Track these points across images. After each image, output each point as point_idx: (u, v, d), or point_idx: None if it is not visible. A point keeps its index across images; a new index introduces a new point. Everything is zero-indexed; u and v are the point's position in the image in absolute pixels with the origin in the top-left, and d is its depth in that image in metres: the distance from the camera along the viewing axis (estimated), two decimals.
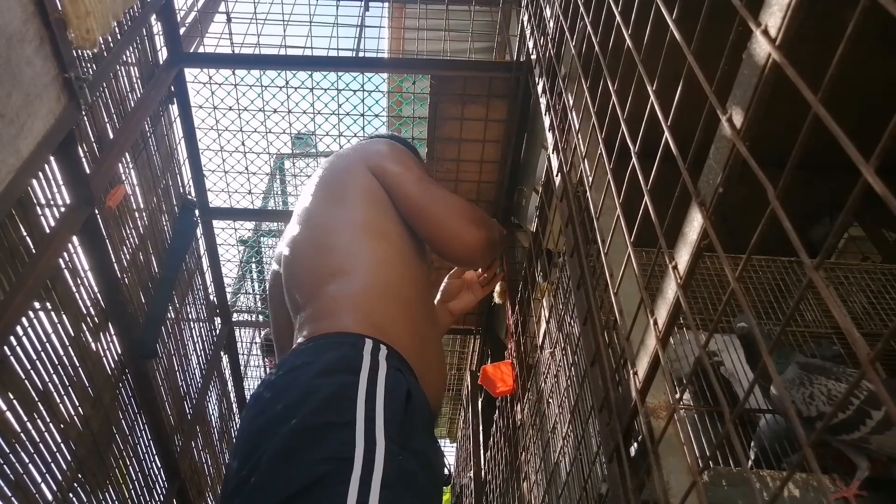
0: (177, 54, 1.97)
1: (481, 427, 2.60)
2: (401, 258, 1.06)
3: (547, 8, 1.46)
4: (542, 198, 1.50)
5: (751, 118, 0.46)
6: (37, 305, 1.44)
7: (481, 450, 2.53)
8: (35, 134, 1.20)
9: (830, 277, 1.67)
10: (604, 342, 0.77)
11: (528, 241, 1.53)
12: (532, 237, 1.56)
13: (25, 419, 1.43)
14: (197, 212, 2.30)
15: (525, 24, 1.84)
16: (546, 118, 1.29)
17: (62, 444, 1.57)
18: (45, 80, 1.21)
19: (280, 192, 3.47)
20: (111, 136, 1.67)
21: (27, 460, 1.45)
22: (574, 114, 1.02)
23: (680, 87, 0.56)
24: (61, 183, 1.44)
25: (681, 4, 0.59)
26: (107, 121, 1.65)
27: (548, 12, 1.45)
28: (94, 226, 1.56)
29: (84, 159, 1.48)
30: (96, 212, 1.54)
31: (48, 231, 1.41)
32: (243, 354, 3.55)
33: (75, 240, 1.54)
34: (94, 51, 1.40)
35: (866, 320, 1.58)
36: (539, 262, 1.57)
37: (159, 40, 1.92)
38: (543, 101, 1.36)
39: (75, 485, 1.66)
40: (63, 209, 1.46)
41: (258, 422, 0.83)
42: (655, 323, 0.58)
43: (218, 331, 2.76)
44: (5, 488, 1.38)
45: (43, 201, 1.40)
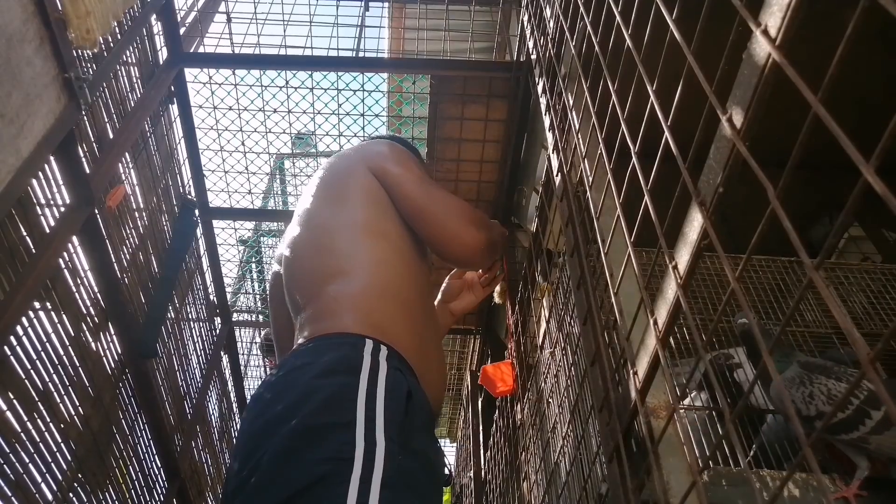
0: (177, 54, 1.97)
1: (481, 427, 2.60)
2: (401, 258, 1.06)
3: (547, 8, 1.46)
4: (542, 198, 1.50)
5: (751, 118, 0.46)
6: (37, 305, 1.44)
7: (481, 450, 2.53)
8: (35, 134, 1.20)
9: (830, 277, 1.67)
10: (604, 342, 0.77)
11: (528, 241, 1.53)
12: (532, 237, 1.56)
13: (25, 419, 1.43)
14: (197, 212, 2.30)
15: (525, 24, 1.84)
16: (546, 118, 1.29)
17: (62, 444, 1.57)
18: (45, 80, 1.21)
19: (280, 192, 3.47)
20: (111, 136, 1.67)
21: (27, 460, 1.45)
22: (574, 114, 1.02)
23: (680, 87, 0.56)
24: (61, 183, 1.44)
25: (681, 4, 0.59)
26: (107, 121, 1.65)
27: (548, 12, 1.45)
28: (94, 226, 1.56)
29: (84, 159, 1.48)
30: (96, 212, 1.54)
31: (48, 231, 1.41)
32: (243, 354, 3.55)
33: (75, 240, 1.54)
34: (94, 51, 1.40)
35: (866, 320, 1.58)
36: (539, 262, 1.57)
37: (159, 40, 1.92)
38: (543, 101, 1.36)
39: (75, 485, 1.66)
40: (63, 209, 1.46)
41: (258, 422, 0.83)
42: (655, 323, 0.58)
43: (218, 331, 2.76)
44: (5, 488, 1.38)
45: (43, 201, 1.40)
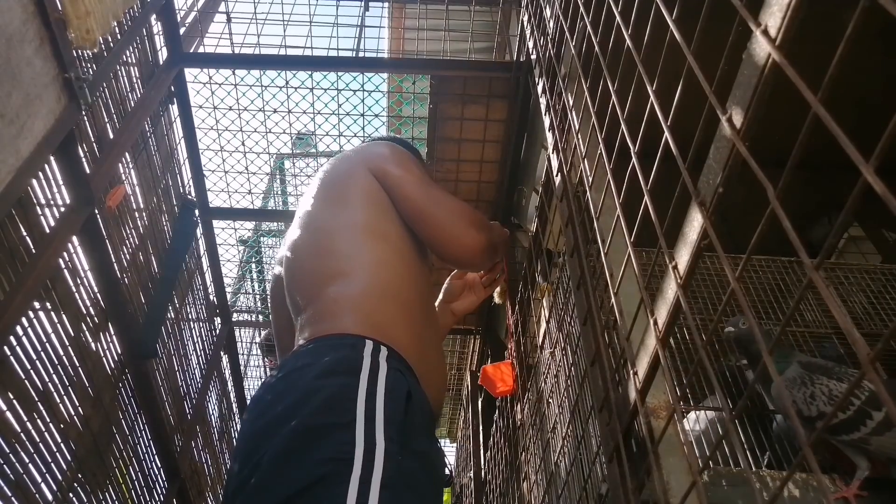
0: (177, 54, 1.97)
1: (481, 427, 2.60)
2: (401, 260, 1.06)
3: (547, 8, 1.46)
4: (542, 198, 1.50)
5: (751, 118, 0.46)
6: (37, 305, 1.44)
7: (481, 450, 2.53)
8: (35, 134, 1.20)
9: (830, 277, 1.67)
10: (604, 342, 0.77)
11: (528, 241, 1.52)
12: (532, 237, 1.56)
13: (25, 419, 1.43)
14: (197, 212, 2.30)
15: (525, 24, 1.84)
16: (546, 118, 1.29)
17: (62, 444, 1.57)
18: (45, 81, 1.21)
19: (280, 192, 3.46)
20: (111, 136, 1.67)
21: (27, 460, 1.45)
22: (574, 114, 1.02)
23: (680, 87, 0.56)
24: (61, 183, 1.44)
25: (681, 4, 0.59)
26: (107, 121, 1.65)
27: (548, 12, 1.45)
28: (94, 226, 1.56)
29: (84, 159, 1.48)
30: (96, 212, 1.54)
31: (48, 231, 1.41)
32: (243, 354, 3.55)
33: (75, 240, 1.54)
34: (94, 51, 1.40)
35: (866, 320, 1.58)
36: (539, 262, 1.57)
37: (159, 40, 1.92)
38: (543, 101, 1.36)
39: (75, 485, 1.66)
40: (63, 209, 1.46)
41: (259, 424, 0.83)
42: (655, 323, 0.58)
43: (218, 331, 2.76)
44: (5, 488, 1.38)
45: (43, 201, 1.40)
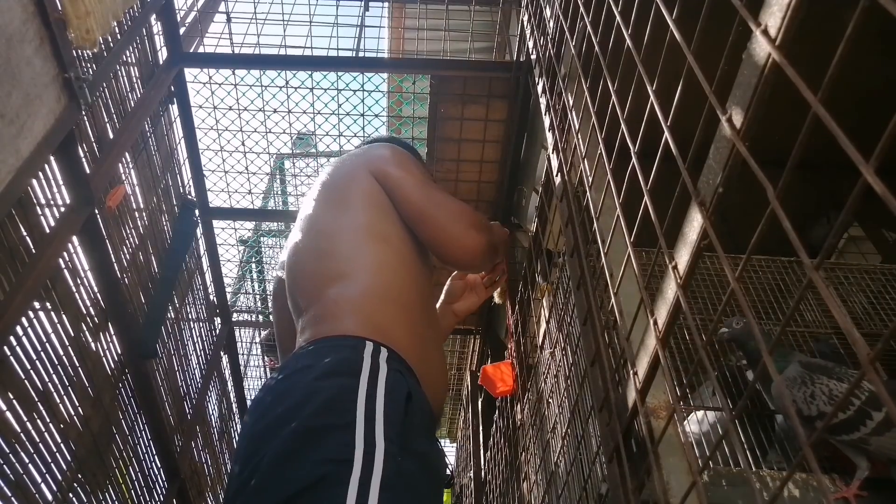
0: (177, 54, 1.97)
1: (481, 427, 2.60)
2: (402, 261, 1.06)
3: (547, 8, 1.46)
4: (542, 198, 1.50)
5: (751, 118, 0.46)
6: (37, 305, 1.44)
7: (481, 450, 2.53)
8: (35, 134, 1.20)
9: (830, 277, 1.67)
10: (604, 342, 0.77)
11: (528, 241, 1.52)
12: (532, 237, 1.55)
13: (25, 419, 1.43)
14: (197, 212, 2.30)
15: (525, 24, 1.84)
16: (546, 118, 1.29)
17: (62, 444, 1.57)
18: (45, 80, 1.21)
19: (280, 192, 3.46)
20: (111, 136, 1.67)
21: (27, 460, 1.45)
22: (574, 114, 1.02)
23: (680, 87, 0.56)
24: (61, 183, 1.44)
25: (681, 4, 0.59)
26: (107, 121, 1.65)
27: (548, 12, 1.45)
28: (94, 226, 1.56)
29: (84, 159, 1.48)
30: (96, 212, 1.54)
31: (48, 231, 1.41)
32: (243, 354, 3.55)
33: (75, 240, 1.54)
34: (94, 51, 1.40)
35: (866, 320, 1.58)
36: (539, 262, 1.57)
37: (159, 40, 1.92)
38: (543, 101, 1.36)
39: (75, 485, 1.66)
40: (63, 209, 1.46)
41: (259, 425, 0.83)
42: (655, 323, 0.58)
43: (218, 331, 2.76)
44: (5, 488, 1.38)
45: (43, 201, 1.40)
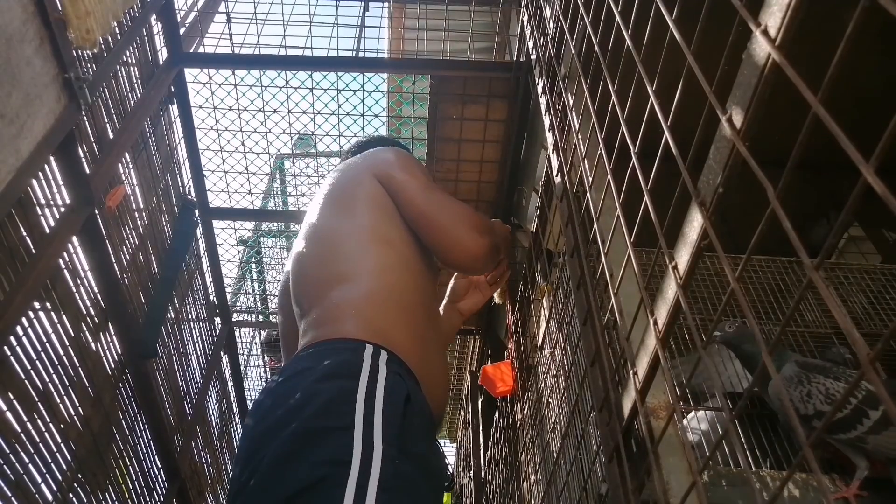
0: (177, 54, 1.97)
1: (481, 427, 2.60)
2: (405, 264, 1.06)
3: (547, 8, 1.46)
4: (542, 198, 1.50)
5: (751, 118, 0.46)
6: (37, 305, 1.44)
7: (481, 450, 2.53)
8: (35, 134, 1.20)
9: (830, 277, 1.67)
10: (604, 342, 0.77)
11: (528, 241, 1.52)
12: (532, 237, 1.55)
13: (25, 419, 1.43)
14: (197, 212, 2.30)
15: (525, 24, 1.84)
16: (546, 118, 1.29)
17: (62, 444, 1.57)
18: (45, 80, 1.21)
19: (280, 193, 3.46)
20: (111, 136, 1.67)
21: (27, 460, 1.45)
22: (574, 114, 1.02)
23: (680, 87, 0.56)
24: (61, 183, 1.44)
25: (681, 4, 0.59)
26: (107, 121, 1.65)
27: (548, 12, 1.44)
28: (94, 226, 1.56)
29: (84, 159, 1.48)
30: (96, 212, 1.54)
31: (48, 231, 1.41)
32: (243, 354, 3.55)
33: (75, 240, 1.54)
34: (94, 51, 1.40)
35: (866, 320, 1.58)
36: (539, 262, 1.57)
37: (159, 40, 1.92)
38: (543, 101, 1.36)
39: (75, 485, 1.66)
40: (63, 209, 1.46)
41: (259, 428, 0.84)
42: (655, 323, 0.58)
43: (218, 331, 2.76)
44: (5, 488, 1.38)
45: (43, 201, 1.40)
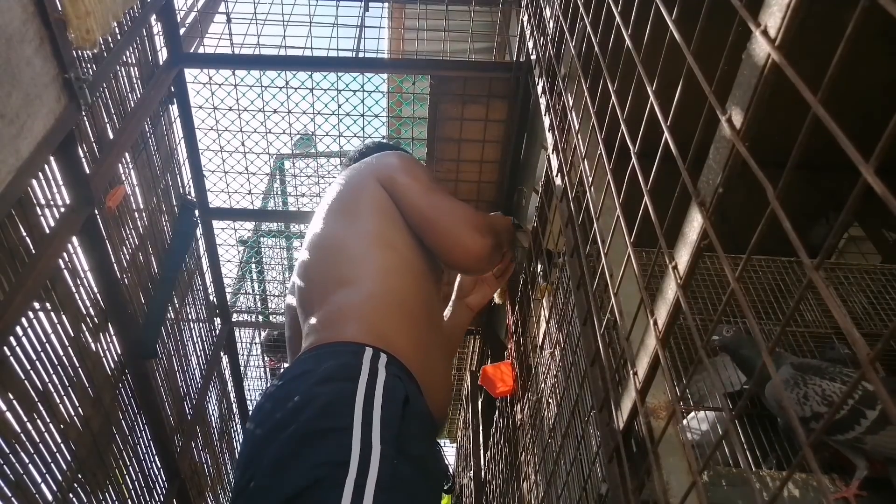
0: (177, 55, 1.97)
1: (481, 427, 2.60)
2: (408, 268, 1.07)
3: (547, 8, 1.46)
4: (542, 198, 1.50)
5: (750, 118, 0.46)
6: (37, 305, 1.44)
7: (481, 450, 2.53)
8: (35, 134, 1.20)
9: (830, 277, 1.67)
10: (604, 342, 0.77)
11: (528, 241, 1.52)
12: (532, 237, 1.55)
13: (25, 419, 1.43)
14: (197, 212, 2.30)
15: (525, 24, 1.84)
16: (546, 118, 1.29)
17: (62, 444, 1.57)
18: (45, 81, 1.21)
19: (280, 193, 3.46)
20: (111, 136, 1.67)
21: (27, 460, 1.45)
22: (574, 114, 1.02)
23: (680, 88, 0.56)
24: (61, 183, 1.44)
25: (680, 4, 0.59)
26: (107, 121, 1.65)
27: (548, 12, 1.44)
28: (94, 226, 1.56)
29: (84, 159, 1.48)
30: (96, 212, 1.54)
31: (48, 231, 1.41)
32: (243, 354, 3.55)
33: (75, 240, 1.54)
34: (94, 51, 1.40)
35: (866, 320, 1.58)
36: (539, 263, 1.57)
37: (159, 40, 1.92)
38: (543, 101, 1.36)
39: (75, 485, 1.66)
40: (63, 209, 1.46)
41: (259, 432, 0.85)
42: (655, 323, 0.58)
43: (218, 331, 2.76)
44: (5, 488, 1.38)
45: (43, 201, 1.40)
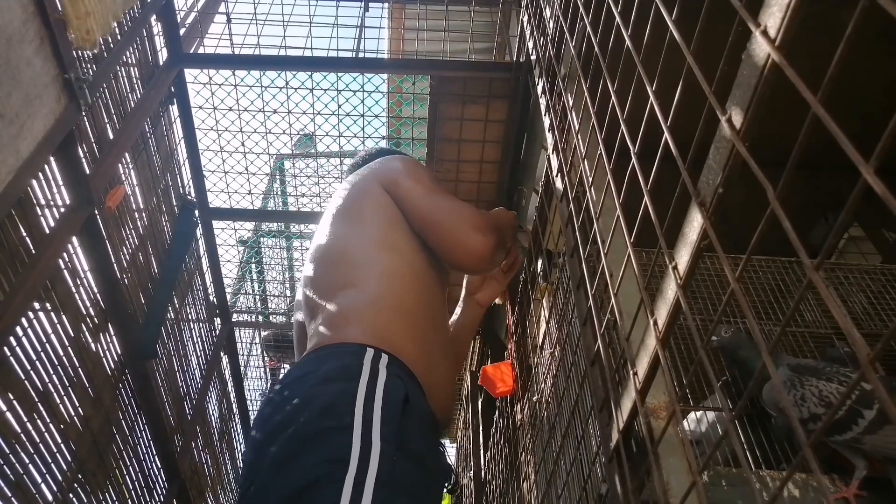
0: (177, 55, 1.97)
1: (481, 427, 2.60)
2: (411, 271, 1.08)
3: (547, 8, 1.46)
4: (541, 198, 1.50)
5: (750, 118, 0.46)
6: (37, 306, 1.44)
7: (481, 450, 2.53)
8: (35, 134, 1.20)
9: (830, 278, 1.67)
10: (604, 342, 0.77)
11: (528, 242, 1.53)
12: (532, 237, 1.55)
13: (25, 419, 1.43)
14: (197, 212, 2.30)
15: (525, 24, 1.84)
16: (546, 119, 1.29)
17: (62, 444, 1.57)
18: (45, 81, 1.21)
19: (280, 193, 3.46)
20: (111, 136, 1.67)
21: (27, 460, 1.45)
22: (574, 114, 1.02)
23: (680, 88, 0.56)
24: (61, 183, 1.44)
25: (680, 4, 0.59)
26: (107, 121, 1.65)
27: (548, 13, 1.44)
28: (94, 226, 1.56)
29: (84, 159, 1.48)
30: (96, 212, 1.54)
31: (48, 231, 1.41)
32: (243, 354, 3.54)
33: (75, 240, 1.54)
34: (94, 51, 1.40)
35: (866, 321, 1.58)
36: (539, 262, 1.57)
37: (159, 41, 1.92)
38: (543, 101, 1.36)
39: (75, 485, 1.66)
40: (63, 209, 1.46)
41: (261, 434, 0.86)
42: (655, 323, 0.58)
43: (218, 331, 2.76)
44: (5, 488, 1.38)
45: (43, 201, 1.40)
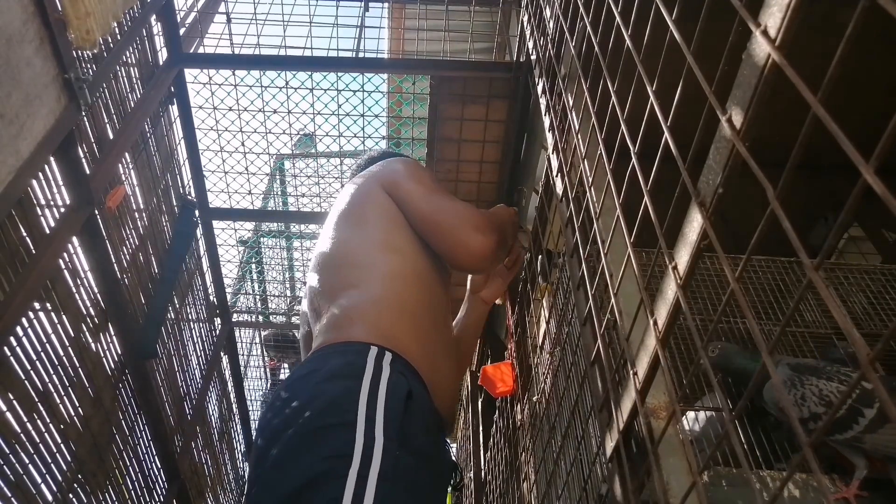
0: (177, 55, 1.97)
1: (481, 427, 2.60)
2: (413, 271, 1.09)
3: (547, 8, 1.46)
4: (541, 198, 1.50)
5: (751, 118, 0.46)
6: (37, 306, 1.44)
7: (481, 450, 2.53)
8: (35, 134, 1.20)
9: (830, 278, 1.67)
10: (604, 342, 0.77)
11: (528, 242, 1.53)
12: (532, 237, 1.55)
13: (25, 419, 1.43)
14: (197, 212, 2.30)
15: (525, 24, 1.84)
16: (546, 118, 1.29)
17: (62, 444, 1.57)
18: (45, 81, 1.21)
19: (280, 193, 3.46)
20: (111, 136, 1.67)
21: (27, 460, 1.45)
22: (574, 114, 1.02)
23: (680, 88, 0.56)
24: (61, 183, 1.44)
25: (681, 4, 0.59)
26: (107, 121, 1.65)
27: (548, 13, 1.44)
28: (94, 226, 1.56)
29: (84, 160, 1.48)
30: (96, 212, 1.54)
31: (48, 231, 1.41)
32: (243, 354, 3.54)
33: (75, 240, 1.54)
34: (94, 51, 1.40)
35: (866, 320, 1.57)
36: (539, 262, 1.57)
37: (159, 41, 1.92)
38: (543, 101, 1.36)
39: (75, 485, 1.66)
40: (63, 209, 1.46)
41: (266, 432, 0.87)
42: (655, 323, 0.58)
43: (218, 331, 2.76)
44: (5, 488, 1.38)
45: (43, 201, 1.40)
